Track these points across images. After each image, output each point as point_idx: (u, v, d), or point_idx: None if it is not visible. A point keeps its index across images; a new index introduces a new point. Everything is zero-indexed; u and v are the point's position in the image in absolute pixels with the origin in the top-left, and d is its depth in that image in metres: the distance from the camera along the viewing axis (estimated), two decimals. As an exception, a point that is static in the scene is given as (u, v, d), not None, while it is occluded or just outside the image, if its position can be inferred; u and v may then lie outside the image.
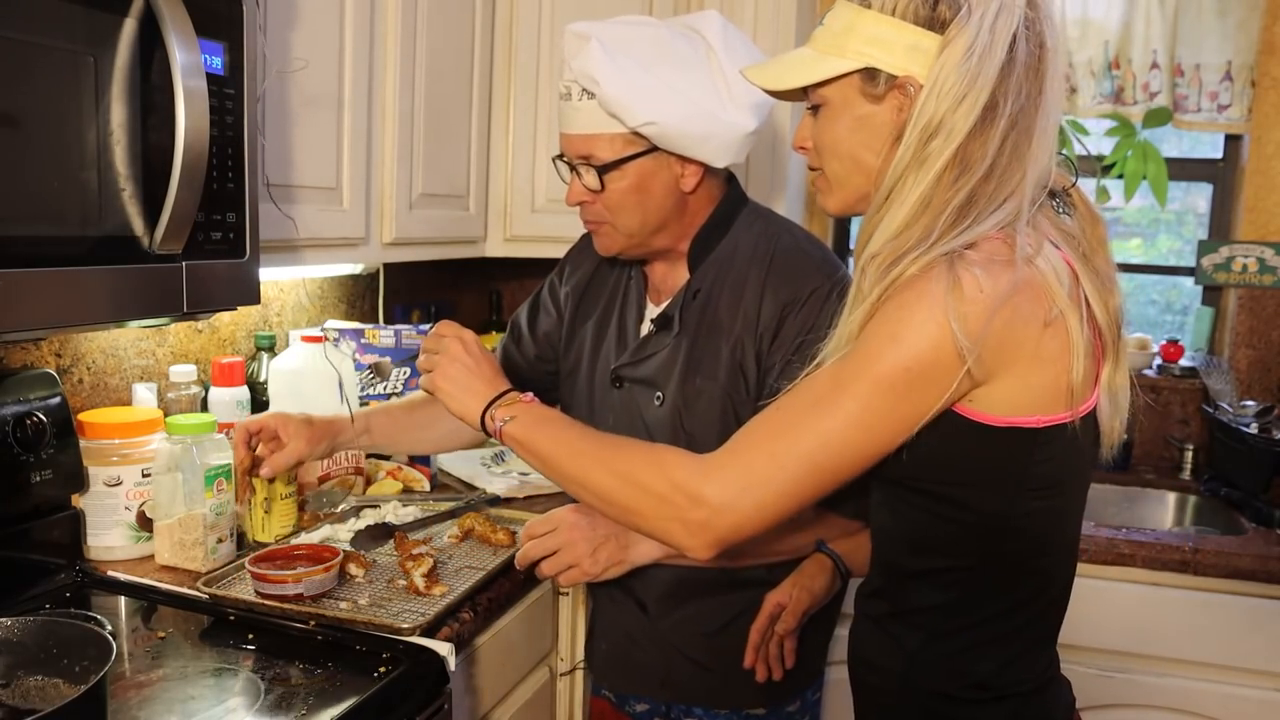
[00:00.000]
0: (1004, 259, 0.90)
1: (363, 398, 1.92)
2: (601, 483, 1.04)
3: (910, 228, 0.93)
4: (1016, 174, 0.93)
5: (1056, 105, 0.95)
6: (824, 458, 0.93)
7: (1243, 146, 2.50)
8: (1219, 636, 1.88)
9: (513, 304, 2.85)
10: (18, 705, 0.96)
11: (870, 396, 0.91)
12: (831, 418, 0.92)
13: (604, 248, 1.43)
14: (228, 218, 1.26)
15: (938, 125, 0.92)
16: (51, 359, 1.52)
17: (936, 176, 0.92)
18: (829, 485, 0.95)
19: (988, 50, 0.90)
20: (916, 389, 0.90)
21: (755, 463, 0.95)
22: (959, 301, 0.87)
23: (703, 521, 0.96)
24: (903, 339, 0.89)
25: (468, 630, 1.36)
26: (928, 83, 0.92)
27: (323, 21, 1.58)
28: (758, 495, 0.95)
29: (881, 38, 0.95)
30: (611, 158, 1.33)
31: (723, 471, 0.96)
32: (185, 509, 1.42)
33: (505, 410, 1.11)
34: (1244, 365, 2.48)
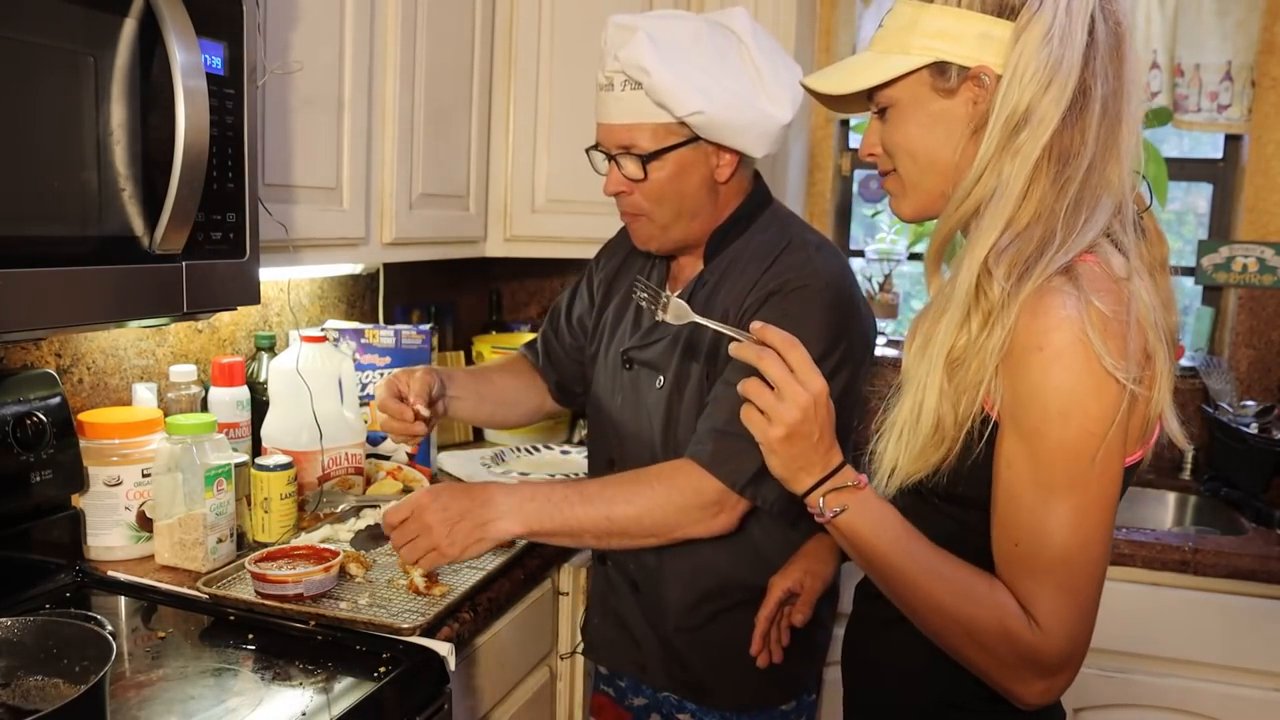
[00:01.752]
0: (1109, 278, 0.87)
1: (363, 398, 1.92)
2: (937, 626, 0.95)
3: (1028, 227, 0.89)
4: (1114, 166, 0.90)
5: (1139, 90, 0.92)
6: (1095, 551, 0.89)
7: (1243, 146, 2.50)
8: (1219, 636, 1.88)
9: (513, 304, 2.85)
10: (18, 705, 0.96)
11: (1088, 480, 0.87)
12: (1075, 517, 0.87)
13: (640, 239, 1.45)
14: (228, 218, 1.26)
15: (1025, 113, 0.89)
16: (51, 359, 1.52)
17: (1035, 168, 0.89)
18: (1106, 565, 0.92)
19: (1067, 32, 0.88)
20: (1115, 438, 0.86)
21: (1075, 608, 0.89)
22: (1102, 334, 0.83)
23: (1045, 689, 0.93)
24: (1070, 413, 0.85)
25: (468, 630, 1.36)
26: (1007, 70, 0.89)
27: (323, 21, 1.58)
28: (1081, 631, 0.91)
29: (948, 30, 0.93)
30: (654, 147, 1.35)
31: (1059, 633, 0.89)
32: (185, 509, 1.42)
33: (836, 499, 0.96)
34: (1244, 365, 2.48)
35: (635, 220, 1.42)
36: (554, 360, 1.67)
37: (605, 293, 1.59)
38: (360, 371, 1.93)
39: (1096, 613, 0.91)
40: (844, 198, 2.77)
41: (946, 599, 0.92)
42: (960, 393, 0.91)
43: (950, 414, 0.92)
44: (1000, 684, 0.93)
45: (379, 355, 1.94)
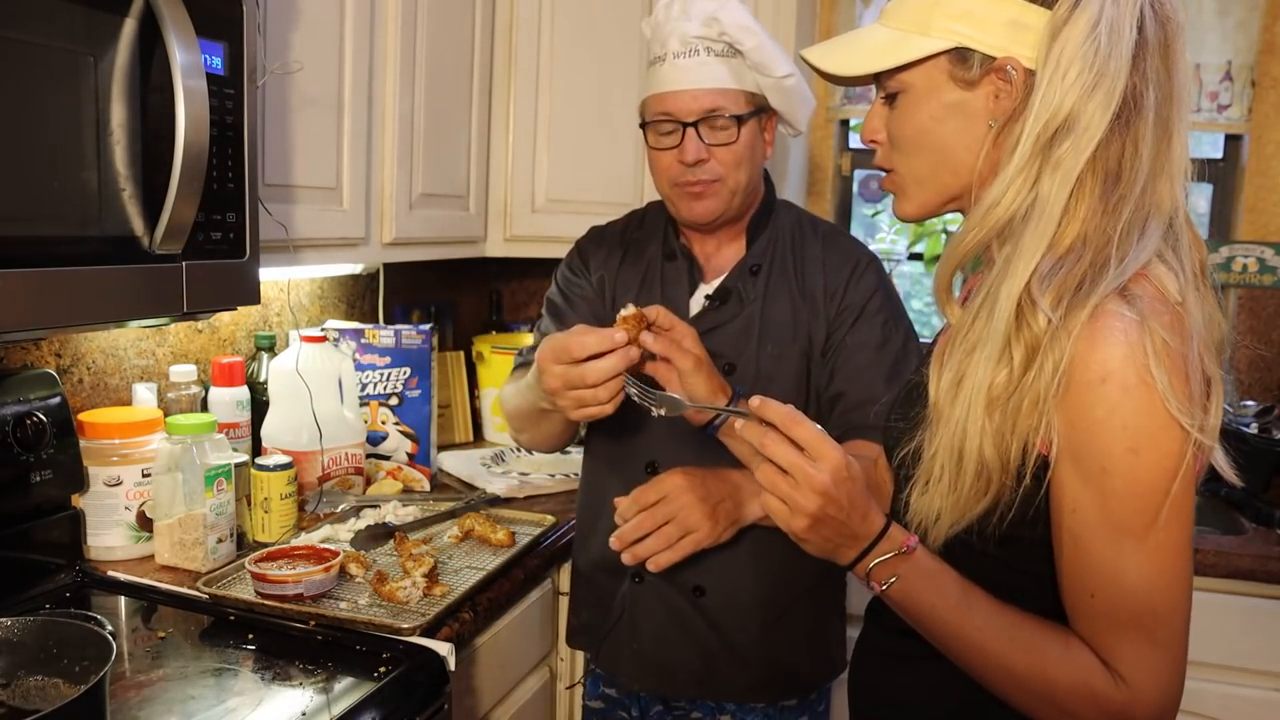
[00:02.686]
0: (1166, 302, 0.80)
1: (363, 398, 1.92)
2: (1011, 690, 0.87)
3: (1072, 251, 0.80)
4: (1164, 181, 0.82)
5: (1188, 95, 0.83)
6: (1179, 595, 0.82)
7: (1243, 146, 2.50)
8: (1219, 636, 1.88)
9: (513, 304, 2.85)
10: (18, 705, 0.96)
11: (1167, 519, 0.79)
12: (1155, 563, 0.80)
13: (707, 210, 1.40)
14: (228, 218, 1.26)
15: (1067, 119, 0.79)
16: (51, 359, 1.52)
17: (1078, 182, 0.80)
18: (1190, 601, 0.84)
19: (1115, 28, 0.78)
20: (1188, 472, 0.80)
21: (1160, 661, 0.83)
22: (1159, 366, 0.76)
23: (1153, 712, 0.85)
24: (1142, 449, 0.78)
25: (468, 630, 1.36)
26: (1048, 66, 0.79)
27: (322, 21, 1.58)
28: (1173, 685, 0.86)
29: (974, 12, 0.83)
30: (745, 111, 1.38)
31: (1148, 688, 0.84)
32: (185, 509, 1.42)
33: (886, 569, 0.89)
34: (1244, 365, 2.48)
35: (708, 189, 1.38)
36: None
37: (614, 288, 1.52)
38: (360, 371, 1.93)
39: (1186, 657, 0.84)
40: (844, 198, 2.77)
41: (1020, 662, 0.85)
42: (1006, 435, 0.82)
43: (995, 458, 0.82)
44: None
45: (379, 355, 1.95)
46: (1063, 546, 0.84)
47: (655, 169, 1.44)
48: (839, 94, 2.66)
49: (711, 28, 1.35)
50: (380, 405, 1.95)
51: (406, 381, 1.95)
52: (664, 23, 1.39)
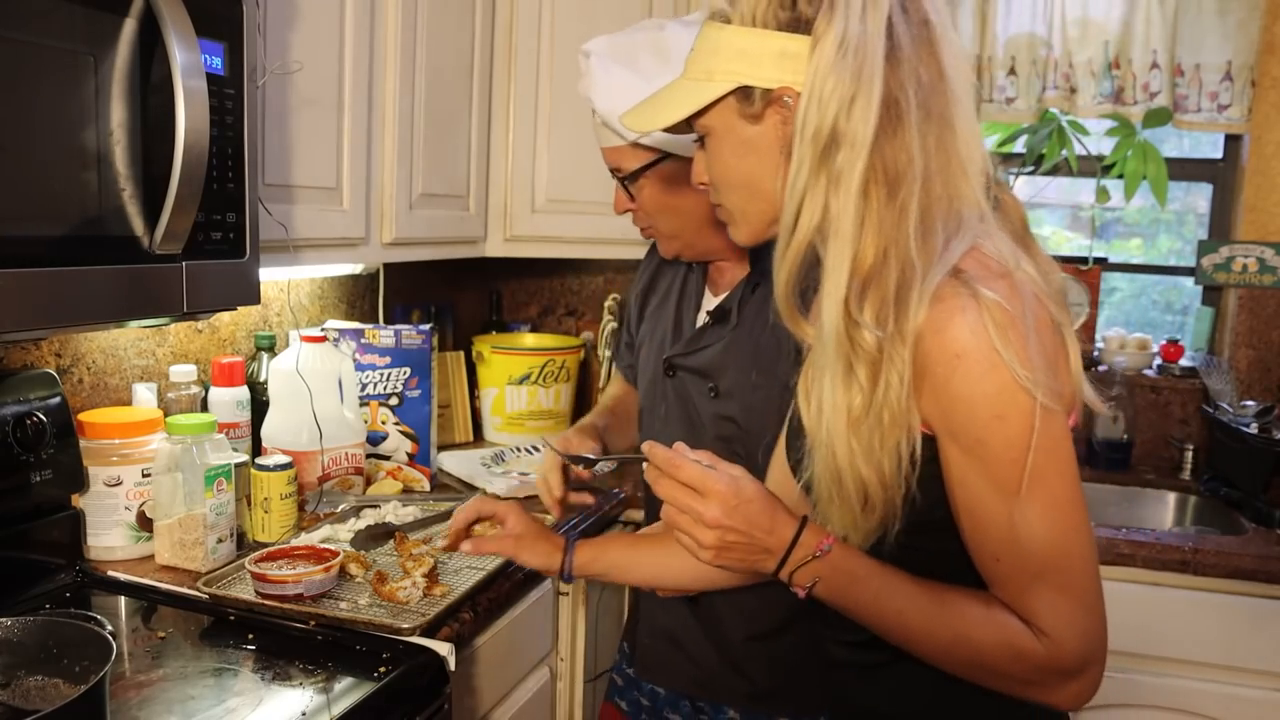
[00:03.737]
0: (997, 270, 0.83)
1: (363, 398, 1.92)
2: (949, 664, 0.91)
3: (882, 263, 0.84)
4: (957, 169, 0.85)
5: (966, 83, 0.87)
6: (1078, 544, 0.85)
7: (1243, 146, 2.50)
8: (1219, 636, 1.88)
9: (513, 304, 2.86)
10: (18, 705, 0.96)
11: (1047, 472, 0.83)
12: (1048, 516, 0.84)
13: (664, 251, 1.45)
14: (228, 218, 1.26)
15: (832, 134, 0.83)
16: (51, 359, 1.52)
17: (862, 194, 0.83)
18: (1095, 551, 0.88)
19: (863, 42, 0.82)
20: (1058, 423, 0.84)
21: (1072, 604, 0.85)
22: (1000, 334, 0.80)
23: (1078, 691, 0.88)
24: (1007, 413, 0.82)
25: (468, 630, 1.36)
26: (805, 89, 0.84)
27: (322, 22, 1.58)
28: (1092, 630, 0.86)
29: (748, 51, 0.88)
30: (635, 167, 1.37)
31: (1070, 638, 0.85)
32: (185, 509, 1.42)
33: (806, 574, 0.92)
34: (1244, 365, 2.48)
35: (650, 234, 1.44)
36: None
37: (642, 307, 1.58)
38: (360, 371, 1.93)
39: (1102, 601, 0.87)
40: (844, 198, 2.77)
41: (946, 635, 0.89)
42: (876, 451, 0.85)
43: (872, 475, 0.86)
44: (1033, 699, 0.89)
45: (379, 355, 1.95)
46: (961, 519, 0.88)
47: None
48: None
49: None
50: (380, 405, 1.95)
51: (406, 381, 1.95)
52: None
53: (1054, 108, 2.52)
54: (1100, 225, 2.73)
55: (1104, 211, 2.70)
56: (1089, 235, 2.68)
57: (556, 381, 2.37)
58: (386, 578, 1.36)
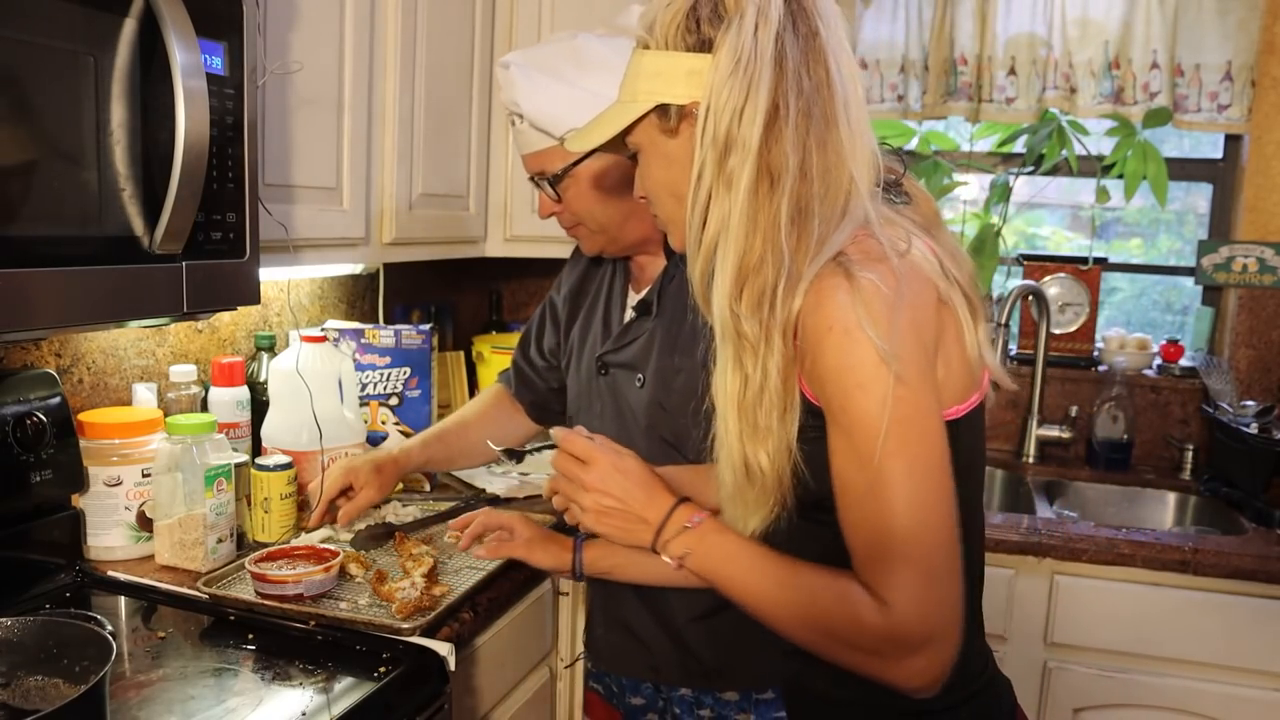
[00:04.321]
0: (879, 254, 0.88)
1: (363, 398, 1.92)
2: (806, 639, 0.95)
3: (761, 257, 0.90)
4: (840, 165, 0.90)
5: (853, 87, 0.93)
6: (934, 519, 0.87)
7: (1243, 146, 2.50)
8: (1219, 636, 1.88)
9: (513, 304, 2.85)
10: (18, 705, 0.96)
11: (906, 445, 0.86)
12: (904, 491, 0.86)
13: (588, 249, 1.50)
14: (228, 218, 1.26)
15: (726, 141, 0.90)
16: (51, 359, 1.52)
17: (750, 194, 0.90)
18: (956, 530, 0.88)
19: (753, 56, 0.89)
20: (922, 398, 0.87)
21: (912, 577, 0.86)
22: (867, 310, 0.85)
23: (919, 668, 0.87)
24: (868, 383, 0.85)
25: (468, 630, 1.36)
26: (703, 101, 0.91)
27: (323, 22, 1.58)
28: (934, 606, 0.87)
29: (662, 72, 0.95)
30: (561, 167, 1.40)
31: (910, 610, 0.86)
32: (185, 509, 1.42)
33: (678, 545, 1.00)
34: (1244, 365, 2.48)
35: (576, 232, 1.47)
36: (528, 384, 1.68)
37: (570, 310, 1.60)
38: (360, 371, 1.93)
39: (955, 580, 0.87)
40: (844, 198, 2.77)
41: (799, 608, 0.93)
42: (764, 433, 0.91)
43: (764, 458, 0.91)
44: (877, 675, 0.89)
45: (379, 355, 1.95)
46: (835, 490, 0.91)
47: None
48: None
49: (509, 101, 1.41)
50: (380, 405, 1.95)
51: (406, 381, 1.95)
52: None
53: (1054, 108, 2.52)
54: (1100, 225, 2.73)
55: (1104, 211, 2.70)
56: (1089, 235, 2.69)
57: (556, 381, 2.37)
58: (386, 577, 1.36)
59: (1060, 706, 1.97)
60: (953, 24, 2.56)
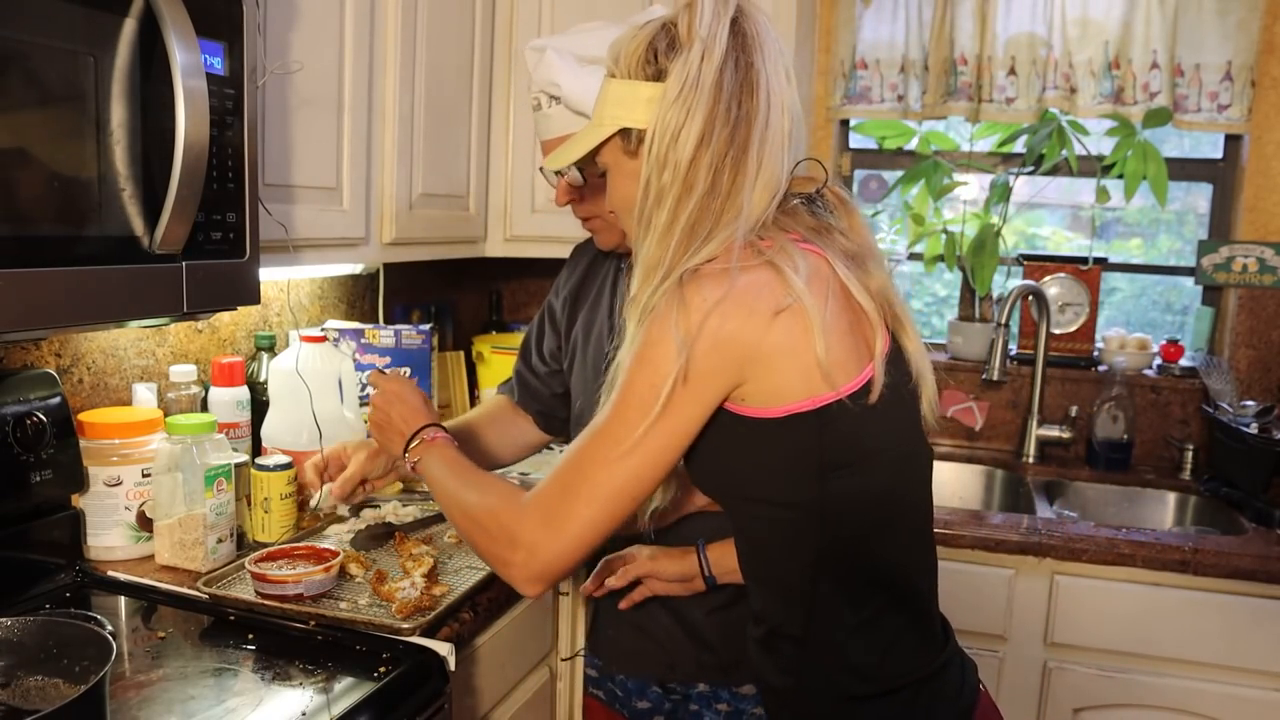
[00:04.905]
0: (721, 270, 0.96)
1: (362, 398, 1.92)
2: (458, 522, 1.13)
3: (660, 260, 1.00)
4: (739, 187, 0.99)
5: (779, 117, 1.01)
6: (619, 484, 1.00)
7: (1243, 146, 2.50)
8: (1219, 636, 1.88)
9: (513, 304, 2.86)
10: (18, 705, 0.96)
11: (640, 421, 0.97)
12: (617, 448, 0.99)
13: (603, 243, 1.48)
14: (228, 218, 1.26)
15: (664, 160, 0.99)
16: (51, 359, 1.52)
17: (672, 209, 0.99)
18: (632, 504, 1.02)
19: (696, 84, 0.98)
20: (674, 401, 0.96)
21: (562, 505, 1.01)
22: (683, 316, 0.95)
23: (522, 562, 1.03)
24: (647, 360, 0.97)
25: (468, 630, 1.36)
26: (650, 128, 1.01)
27: (323, 22, 1.58)
28: (568, 533, 1.01)
29: (625, 99, 1.05)
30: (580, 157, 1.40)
31: (535, 515, 1.03)
32: (185, 509, 1.42)
33: (414, 453, 1.23)
34: (1244, 365, 2.48)
35: (593, 225, 1.46)
36: (532, 392, 1.65)
37: (570, 310, 1.59)
38: (360, 371, 1.93)
39: (590, 532, 1.01)
40: (844, 198, 2.77)
41: (470, 498, 1.10)
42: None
43: None
44: (491, 557, 1.07)
45: (379, 355, 1.95)
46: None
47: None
48: (839, 93, 2.66)
49: (537, 83, 1.40)
50: (380, 405, 1.95)
51: (406, 381, 1.95)
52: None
53: (1054, 108, 2.52)
54: (1100, 225, 2.73)
55: (1104, 211, 2.70)
56: (1089, 235, 2.69)
57: (556, 381, 2.37)
58: (386, 577, 1.36)
59: (1060, 706, 1.97)
60: (953, 24, 2.56)
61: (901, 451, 1.04)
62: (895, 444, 1.03)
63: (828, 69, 2.65)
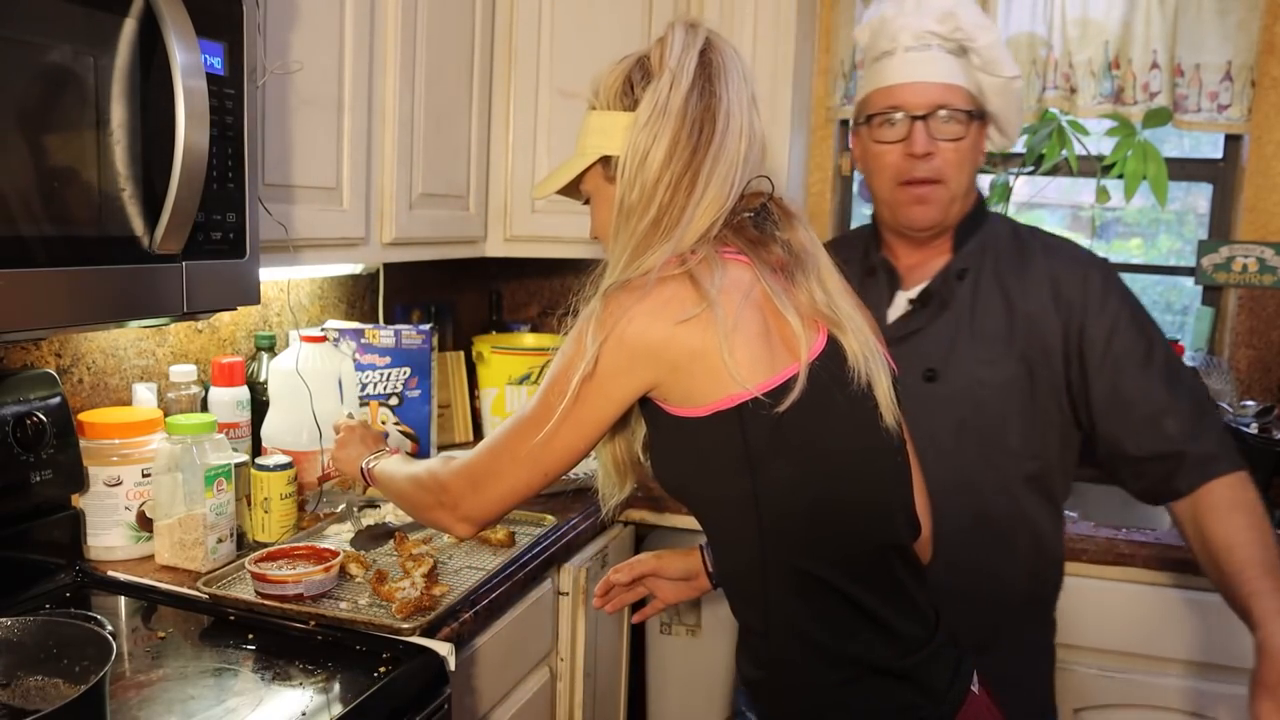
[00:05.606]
0: (654, 278, 1.02)
1: (363, 398, 1.92)
2: (405, 493, 1.27)
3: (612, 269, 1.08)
4: (684, 210, 1.05)
5: (734, 142, 1.07)
6: (536, 460, 1.09)
7: (1243, 146, 2.50)
8: (1219, 636, 1.88)
9: (513, 304, 2.85)
10: (18, 705, 0.96)
11: (555, 407, 1.04)
12: (536, 430, 1.07)
13: (926, 215, 1.41)
14: (227, 218, 1.26)
15: (633, 181, 1.06)
16: (51, 359, 1.52)
17: (630, 227, 1.07)
18: (546, 479, 1.11)
19: (664, 111, 1.05)
20: (582, 394, 1.03)
21: (487, 472, 1.13)
22: (599, 320, 1.02)
23: (451, 506, 1.17)
24: (564, 355, 1.05)
25: (468, 630, 1.36)
26: (624, 148, 1.07)
27: (322, 21, 1.58)
28: (491, 495, 1.13)
29: (605, 129, 1.11)
30: (969, 108, 1.37)
31: (465, 477, 1.15)
32: (185, 509, 1.42)
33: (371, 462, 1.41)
34: (1244, 365, 2.48)
35: (931, 191, 1.39)
36: None
37: None
38: (360, 371, 1.92)
39: (504, 504, 1.14)
40: (844, 198, 2.77)
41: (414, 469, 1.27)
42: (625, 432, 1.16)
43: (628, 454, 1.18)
44: (426, 505, 1.21)
45: (379, 355, 1.95)
46: None
47: (875, 169, 1.42)
48: (839, 93, 2.66)
49: (946, 23, 1.35)
50: (380, 405, 1.95)
51: (406, 381, 1.95)
52: (894, 17, 1.39)
53: (1054, 108, 2.52)
54: (1100, 225, 2.73)
55: (1104, 211, 2.70)
56: (1089, 235, 2.68)
57: (556, 381, 2.37)
58: (386, 577, 1.36)
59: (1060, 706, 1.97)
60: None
61: (848, 450, 1.06)
62: (835, 442, 1.05)
63: (828, 69, 2.65)
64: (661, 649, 2.18)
